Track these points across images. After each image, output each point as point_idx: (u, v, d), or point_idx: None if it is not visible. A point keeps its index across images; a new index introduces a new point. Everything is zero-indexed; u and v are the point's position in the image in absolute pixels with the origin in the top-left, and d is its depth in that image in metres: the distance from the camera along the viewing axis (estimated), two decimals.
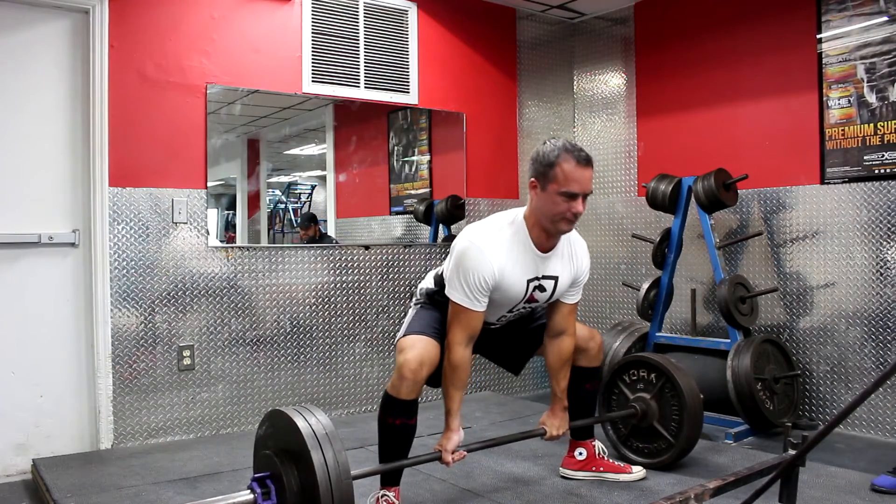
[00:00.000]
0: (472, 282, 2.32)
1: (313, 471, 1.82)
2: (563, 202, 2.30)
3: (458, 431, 2.43)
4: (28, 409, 3.22)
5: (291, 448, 1.92)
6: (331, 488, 1.82)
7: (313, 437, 1.87)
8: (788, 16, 3.88)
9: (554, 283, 2.49)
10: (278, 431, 2.01)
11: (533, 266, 2.43)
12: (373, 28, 4.13)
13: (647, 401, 2.95)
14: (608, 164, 4.88)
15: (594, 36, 4.95)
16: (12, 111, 3.21)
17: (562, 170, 2.29)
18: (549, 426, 2.67)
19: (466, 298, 2.35)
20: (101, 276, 3.33)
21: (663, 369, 2.95)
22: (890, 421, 3.54)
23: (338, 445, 1.88)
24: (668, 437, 2.89)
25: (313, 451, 1.84)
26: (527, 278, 2.42)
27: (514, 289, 2.41)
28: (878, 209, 3.57)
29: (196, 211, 3.59)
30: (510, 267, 2.37)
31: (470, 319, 2.37)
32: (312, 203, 4.71)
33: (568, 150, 2.30)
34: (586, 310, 5.04)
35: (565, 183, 2.29)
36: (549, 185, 2.31)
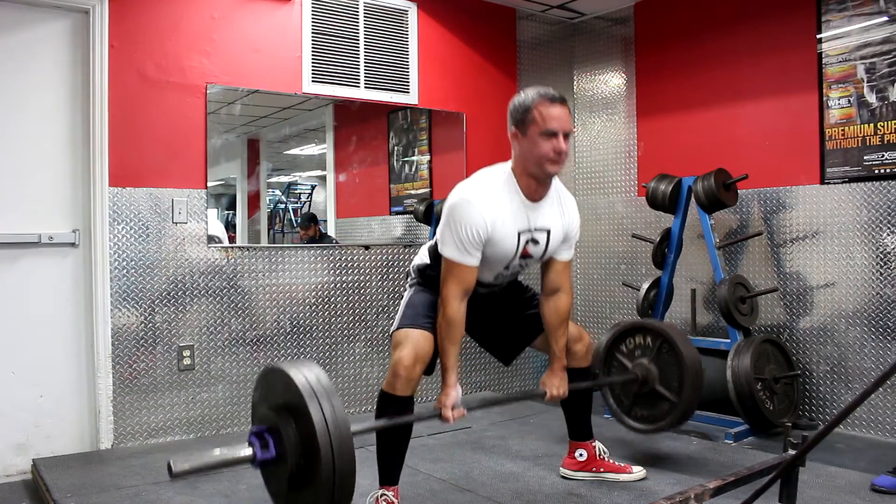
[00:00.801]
0: (464, 235, 2.33)
1: (312, 423, 1.79)
2: (545, 142, 2.34)
3: (455, 387, 2.40)
4: (28, 409, 3.22)
5: (289, 403, 1.89)
6: (330, 440, 1.79)
7: (310, 391, 1.84)
8: (788, 16, 3.88)
9: (546, 235, 2.49)
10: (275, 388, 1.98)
11: (524, 216, 2.42)
12: (373, 28, 4.13)
13: (647, 366, 2.89)
14: (608, 164, 4.88)
15: (594, 36, 4.95)
16: (12, 111, 3.21)
17: (539, 111, 2.34)
18: (549, 386, 2.62)
19: (459, 252, 2.35)
20: (101, 276, 3.33)
21: (659, 331, 2.90)
22: (890, 421, 3.54)
23: (336, 399, 1.86)
24: (670, 397, 2.82)
25: (311, 404, 1.81)
26: (518, 230, 2.41)
27: (506, 241, 2.40)
28: (878, 209, 3.57)
29: (196, 211, 3.59)
30: (501, 218, 2.37)
31: (464, 274, 2.37)
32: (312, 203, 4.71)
33: (541, 93, 2.36)
34: (586, 309, 5.04)
35: (544, 122, 2.33)
36: (528, 129, 2.35)
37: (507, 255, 2.45)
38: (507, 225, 2.39)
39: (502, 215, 2.37)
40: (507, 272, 2.56)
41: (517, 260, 2.49)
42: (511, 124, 2.42)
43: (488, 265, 2.46)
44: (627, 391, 2.96)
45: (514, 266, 2.54)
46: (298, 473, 1.87)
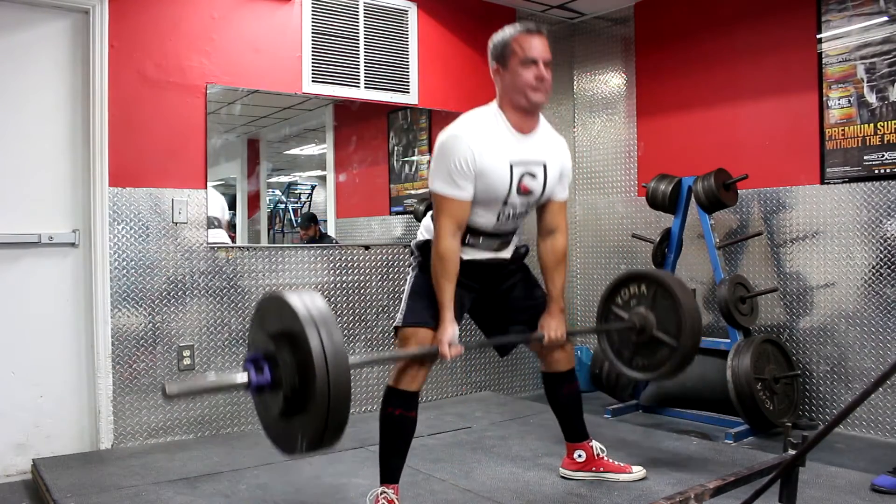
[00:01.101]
0: (453, 167, 2.33)
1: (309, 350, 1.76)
2: (526, 71, 2.38)
3: (452, 324, 2.38)
4: (28, 409, 3.22)
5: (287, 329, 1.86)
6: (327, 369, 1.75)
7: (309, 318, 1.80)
8: (788, 16, 3.88)
9: (543, 170, 2.49)
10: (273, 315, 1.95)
11: (514, 147, 2.42)
12: (373, 28, 4.13)
13: (643, 313, 2.88)
14: (608, 164, 4.88)
15: (594, 36, 4.95)
16: (12, 111, 3.21)
17: (517, 43, 2.39)
18: (547, 328, 2.61)
19: (449, 187, 2.35)
20: (101, 276, 3.33)
21: (651, 277, 2.89)
22: (890, 421, 3.54)
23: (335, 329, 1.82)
24: (669, 342, 2.79)
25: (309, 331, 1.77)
26: (510, 161, 2.40)
27: (497, 173, 2.38)
28: (878, 209, 3.57)
29: (196, 211, 3.59)
30: (490, 148, 2.37)
31: (455, 209, 2.36)
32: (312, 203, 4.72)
33: (518, 28, 2.43)
34: (587, 309, 5.04)
35: (524, 52, 2.38)
36: (509, 61, 2.40)
37: (502, 189, 2.41)
38: (497, 155, 2.38)
39: (491, 146, 2.37)
40: (508, 212, 2.49)
41: (516, 197, 2.46)
42: (492, 61, 2.46)
43: (486, 203, 2.42)
44: (626, 342, 2.93)
45: (515, 205, 2.49)
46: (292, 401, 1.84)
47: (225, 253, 3.68)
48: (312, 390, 1.77)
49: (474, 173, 2.35)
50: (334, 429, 1.80)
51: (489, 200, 2.42)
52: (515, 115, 2.44)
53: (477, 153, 2.34)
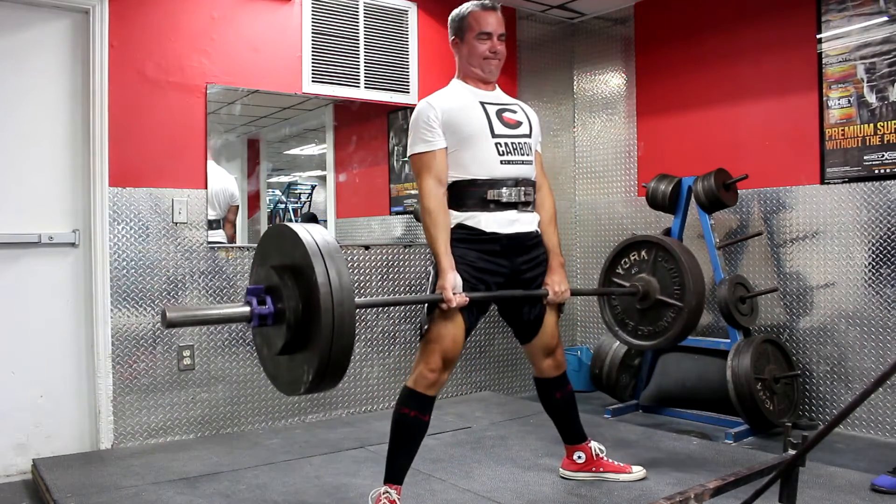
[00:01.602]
0: (420, 125, 2.47)
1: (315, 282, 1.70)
2: (481, 44, 2.55)
3: (453, 271, 2.37)
4: (28, 409, 3.22)
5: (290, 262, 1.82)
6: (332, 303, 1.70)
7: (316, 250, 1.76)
8: (788, 16, 3.88)
9: (520, 108, 2.63)
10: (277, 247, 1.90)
11: (481, 94, 2.57)
12: (373, 28, 4.13)
13: (646, 279, 2.86)
14: (608, 164, 4.88)
15: (594, 36, 4.95)
16: (12, 111, 3.21)
17: (473, 17, 2.56)
18: (551, 283, 2.59)
19: (423, 143, 2.46)
20: (101, 276, 3.33)
21: (651, 241, 2.89)
22: (890, 421, 3.54)
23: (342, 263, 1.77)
24: (674, 302, 2.79)
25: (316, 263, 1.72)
26: (478, 100, 2.54)
27: (470, 112, 2.50)
28: (878, 209, 3.57)
29: (196, 211, 3.59)
30: (454, 99, 2.53)
31: (431, 161, 2.45)
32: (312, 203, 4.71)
33: (474, 3, 2.59)
34: (586, 309, 5.04)
35: (479, 26, 2.54)
36: (466, 34, 2.57)
37: (480, 122, 2.49)
38: (464, 100, 2.52)
39: (455, 98, 2.54)
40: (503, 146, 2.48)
41: (503, 128, 2.52)
42: (451, 34, 2.63)
43: (475, 140, 2.45)
44: (630, 310, 2.91)
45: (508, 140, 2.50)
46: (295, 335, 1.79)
47: (225, 253, 3.68)
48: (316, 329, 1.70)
49: (442, 123, 2.46)
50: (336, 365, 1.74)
51: (476, 137, 2.47)
52: (474, 83, 2.61)
53: (440, 107, 2.48)
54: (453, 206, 2.48)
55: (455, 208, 2.47)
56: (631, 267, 2.95)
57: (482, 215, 2.45)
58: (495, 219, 2.46)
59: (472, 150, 2.46)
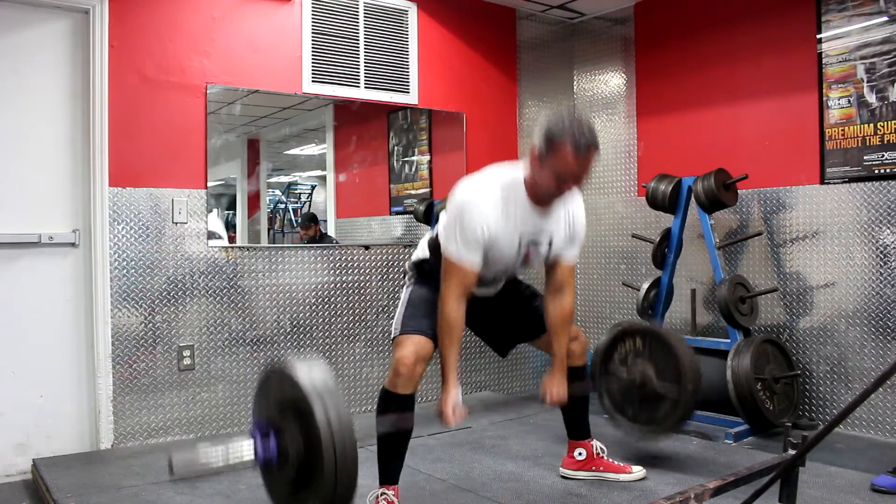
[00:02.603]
0: (468, 235, 2.32)
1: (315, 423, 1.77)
2: (556, 181, 2.31)
3: (456, 387, 2.37)
4: (28, 409, 3.22)
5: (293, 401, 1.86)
6: (333, 441, 1.76)
7: (315, 390, 1.81)
8: (788, 16, 3.88)
9: (549, 239, 2.48)
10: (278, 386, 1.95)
11: (528, 219, 2.41)
12: (373, 28, 4.13)
13: (642, 368, 2.86)
14: (608, 164, 4.88)
15: (594, 36, 4.95)
16: (12, 111, 3.21)
17: (562, 154, 2.26)
18: (549, 388, 2.57)
19: (463, 252, 2.34)
20: (101, 276, 3.33)
21: (646, 330, 2.91)
22: (890, 421, 3.54)
23: (340, 400, 1.84)
24: (671, 392, 2.80)
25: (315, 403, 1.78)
26: (520, 233, 2.41)
27: (508, 244, 2.40)
28: (878, 209, 3.57)
29: (196, 211, 3.59)
30: (505, 221, 2.36)
31: (464, 274, 2.36)
32: (312, 203, 4.71)
33: (573, 135, 2.25)
34: (586, 309, 5.04)
35: (559, 166, 2.28)
36: (549, 160, 2.30)
37: (508, 258, 2.45)
38: (511, 228, 2.39)
39: (506, 217, 2.37)
40: (505, 273, 2.58)
41: (518, 263, 2.51)
42: (537, 141, 2.33)
43: (488, 265, 2.45)
44: (629, 397, 2.95)
45: (516, 267, 2.56)
46: (299, 474, 1.86)
47: (225, 253, 3.68)
48: (319, 468, 1.79)
49: (487, 242, 2.36)
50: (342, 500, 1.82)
51: (492, 263, 2.44)
52: (536, 196, 2.41)
53: (493, 224, 2.34)
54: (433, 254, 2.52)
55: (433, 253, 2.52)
56: (627, 355, 2.97)
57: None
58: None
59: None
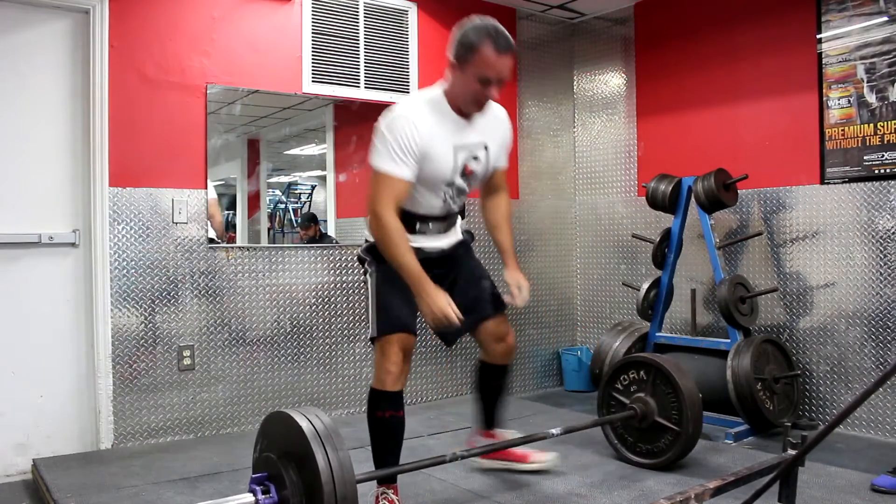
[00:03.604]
0: (398, 145, 2.32)
1: (317, 472, 1.79)
2: (478, 86, 2.33)
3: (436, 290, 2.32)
4: (28, 409, 3.22)
5: (293, 449, 1.90)
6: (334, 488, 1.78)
7: (316, 438, 1.84)
8: (788, 16, 3.88)
9: (485, 150, 2.52)
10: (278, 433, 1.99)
11: (457, 131, 2.43)
12: (373, 28, 4.13)
13: (645, 399, 2.94)
14: (608, 164, 4.88)
15: (594, 36, 4.95)
16: (12, 111, 3.21)
17: (481, 55, 2.29)
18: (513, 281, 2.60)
19: (393, 163, 2.33)
20: (101, 276, 3.33)
21: (651, 363, 2.95)
22: (890, 421, 3.54)
23: (341, 446, 1.85)
24: (672, 427, 2.87)
25: (317, 452, 1.80)
26: (453, 145, 2.42)
27: (442, 157, 2.40)
28: (878, 209, 3.57)
29: (196, 211, 3.59)
30: (433, 130, 2.37)
31: (397, 187, 2.34)
32: (312, 203, 4.71)
33: (490, 35, 2.30)
34: (586, 309, 5.04)
35: (482, 68, 2.30)
36: (468, 67, 2.32)
37: (445, 171, 2.43)
38: (441, 138, 2.39)
39: (434, 127, 2.38)
40: (452, 192, 2.52)
41: (460, 179, 2.49)
42: (453, 52, 2.37)
43: (431, 184, 2.44)
44: (630, 427, 2.99)
45: (460, 185, 2.52)
46: None
47: (225, 253, 3.68)
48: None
49: (419, 154, 2.35)
50: None
51: (434, 182, 2.44)
52: (457, 110, 2.44)
53: (421, 133, 2.34)
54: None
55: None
56: (630, 384, 3.01)
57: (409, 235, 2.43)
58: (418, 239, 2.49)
59: (422, 192, 2.45)
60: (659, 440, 2.93)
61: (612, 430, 3.07)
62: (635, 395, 2.98)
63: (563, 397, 4.67)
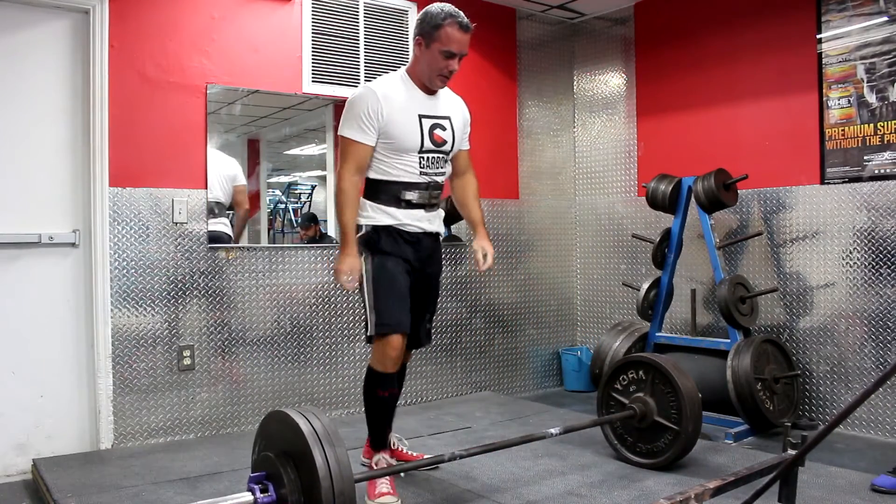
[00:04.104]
0: (361, 114, 2.57)
1: (315, 471, 1.80)
2: (442, 59, 2.61)
3: (355, 256, 2.60)
4: (28, 409, 3.22)
5: (291, 449, 1.90)
6: (332, 487, 1.79)
7: (314, 437, 1.85)
8: (788, 16, 3.88)
9: (449, 122, 2.74)
10: (277, 433, 1.99)
11: (421, 102, 2.67)
12: (373, 28, 4.13)
13: (644, 399, 2.94)
14: (608, 164, 4.88)
15: (594, 36, 4.96)
16: (12, 111, 3.21)
17: (446, 32, 2.58)
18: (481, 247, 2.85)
19: (356, 132, 2.59)
20: (101, 276, 3.33)
21: (650, 363, 2.95)
22: (890, 421, 3.54)
23: (340, 445, 1.87)
24: (672, 427, 2.87)
25: (315, 451, 1.81)
26: (419, 113, 2.65)
27: (408, 123, 2.62)
28: (878, 209, 3.57)
29: (196, 211, 3.59)
30: (398, 100, 2.61)
31: (359, 151, 2.60)
32: (312, 203, 4.71)
33: (453, 15, 2.59)
34: (586, 309, 5.04)
35: (447, 43, 2.58)
36: (433, 43, 2.60)
37: (414, 136, 2.63)
38: (405, 107, 2.62)
39: (399, 98, 2.62)
40: (426, 161, 2.68)
41: (430, 145, 2.67)
42: (417, 33, 2.64)
43: (405, 150, 2.62)
44: (629, 427, 2.99)
45: (432, 156, 2.69)
46: None
47: (225, 253, 3.68)
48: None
49: (382, 120, 2.58)
50: None
51: (406, 148, 2.63)
52: (420, 85, 2.70)
53: (384, 103, 2.58)
54: (368, 196, 2.69)
55: (369, 198, 2.68)
56: (629, 384, 3.02)
57: (396, 211, 2.65)
58: (406, 214, 2.67)
59: (398, 160, 2.64)
60: (658, 440, 2.93)
61: (611, 429, 3.07)
62: (635, 394, 2.98)
63: (563, 397, 4.67)
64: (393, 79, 2.70)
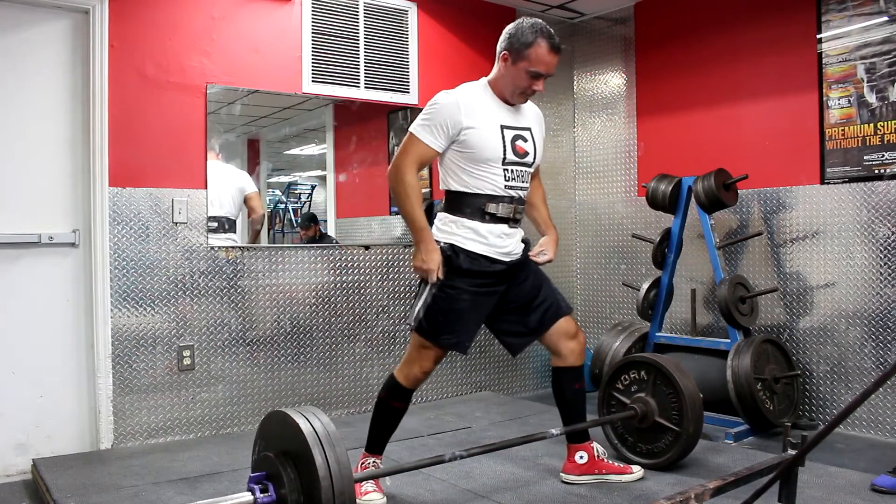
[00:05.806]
0: (436, 117, 2.50)
1: (315, 470, 1.80)
2: (527, 79, 2.54)
3: (437, 249, 2.52)
4: (28, 409, 3.22)
5: (291, 449, 1.91)
6: (332, 488, 1.79)
7: (314, 437, 1.85)
8: (788, 16, 3.88)
9: (531, 134, 2.66)
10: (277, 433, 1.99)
11: (502, 114, 2.59)
12: (373, 28, 4.13)
13: (645, 399, 2.94)
14: (608, 164, 4.88)
15: (594, 36, 4.95)
16: (12, 111, 3.21)
17: (536, 52, 2.50)
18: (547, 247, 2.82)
19: (426, 132, 2.50)
20: (101, 276, 3.33)
21: (651, 363, 2.95)
22: (890, 421, 3.54)
23: (339, 445, 1.87)
24: (673, 427, 2.86)
25: (315, 451, 1.81)
26: (500, 123, 2.56)
27: (490, 134, 2.53)
28: (878, 209, 3.57)
29: (196, 211, 3.59)
30: (479, 109, 2.53)
31: (423, 152, 2.52)
32: (312, 203, 4.72)
33: (545, 35, 2.51)
34: (587, 309, 5.04)
35: (536, 64, 2.51)
36: (520, 62, 2.52)
37: (497, 147, 2.54)
38: (486, 116, 2.54)
39: (480, 107, 2.54)
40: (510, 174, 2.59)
41: (513, 156, 2.58)
42: (504, 46, 2.55)
43: (489, 160, 2.53)
44: (630, 427, 2.99)
45: (516, 169, 2.60)
46: None
47: (225, 253, 3.68)
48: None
49: (462, 133, 2.49)
50: None
51: (487, 158, 2.54)
52: (501, 98, 2.62)
53: (465, 111, 2.50)
54: (449, 210, 2.60)
55: (450, 212, 2.59)
56: (631, 384, 3.02)
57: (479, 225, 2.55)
58: (489, 230, 2.56)
59: (482, 172, 2.55)
60: (659, 440, 2.92)
61: (612, 430, 3.06)
62: (636, 395, 2.98)
63: None
64: (475, 88, 2.61)
